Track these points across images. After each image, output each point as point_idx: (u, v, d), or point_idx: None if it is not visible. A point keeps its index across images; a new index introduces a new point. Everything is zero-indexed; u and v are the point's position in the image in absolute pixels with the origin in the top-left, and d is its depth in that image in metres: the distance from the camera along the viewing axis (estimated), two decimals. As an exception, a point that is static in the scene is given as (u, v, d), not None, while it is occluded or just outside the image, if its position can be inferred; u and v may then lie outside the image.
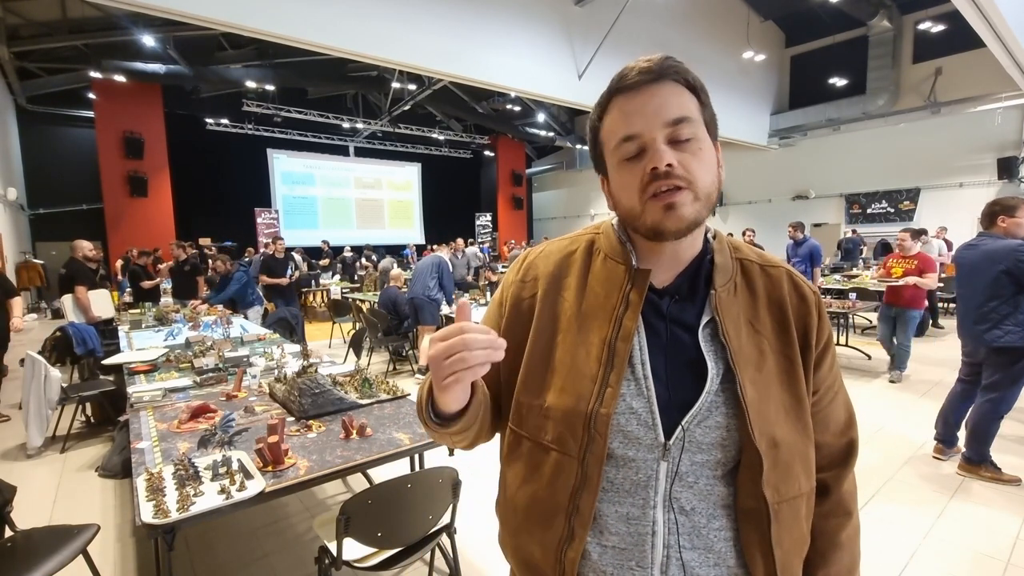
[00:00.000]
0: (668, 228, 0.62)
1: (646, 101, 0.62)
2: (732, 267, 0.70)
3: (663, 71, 0.62)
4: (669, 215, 0.61)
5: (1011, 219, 2.71)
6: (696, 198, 0.62)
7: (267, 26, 5.48)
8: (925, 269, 4.43)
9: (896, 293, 4.55)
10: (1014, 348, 2.65)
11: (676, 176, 0.60)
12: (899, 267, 4.61)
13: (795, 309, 0.69)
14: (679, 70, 0.63)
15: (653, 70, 0.62)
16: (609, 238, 0.73)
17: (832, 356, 0.72)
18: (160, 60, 9.88)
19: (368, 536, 1.53)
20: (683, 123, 0.61)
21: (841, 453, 0.74)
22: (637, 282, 0.67)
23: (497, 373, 0.76)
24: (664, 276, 0.69)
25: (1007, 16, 5.32)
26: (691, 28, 9.93)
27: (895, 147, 11.16)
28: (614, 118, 0.65)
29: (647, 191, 0.62)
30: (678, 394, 0.64)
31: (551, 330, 0.70)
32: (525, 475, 0.70)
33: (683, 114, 0.62)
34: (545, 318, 0.71)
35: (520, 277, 0.76)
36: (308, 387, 2.09)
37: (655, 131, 0.61)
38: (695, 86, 0.64)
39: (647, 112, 0.62)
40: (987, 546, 2.27)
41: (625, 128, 0.63)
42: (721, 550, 0.63)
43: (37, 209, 11.74)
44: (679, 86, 0.63)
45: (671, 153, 0.61)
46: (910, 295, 4.48)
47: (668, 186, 0.61)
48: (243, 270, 5.73)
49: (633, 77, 0.63)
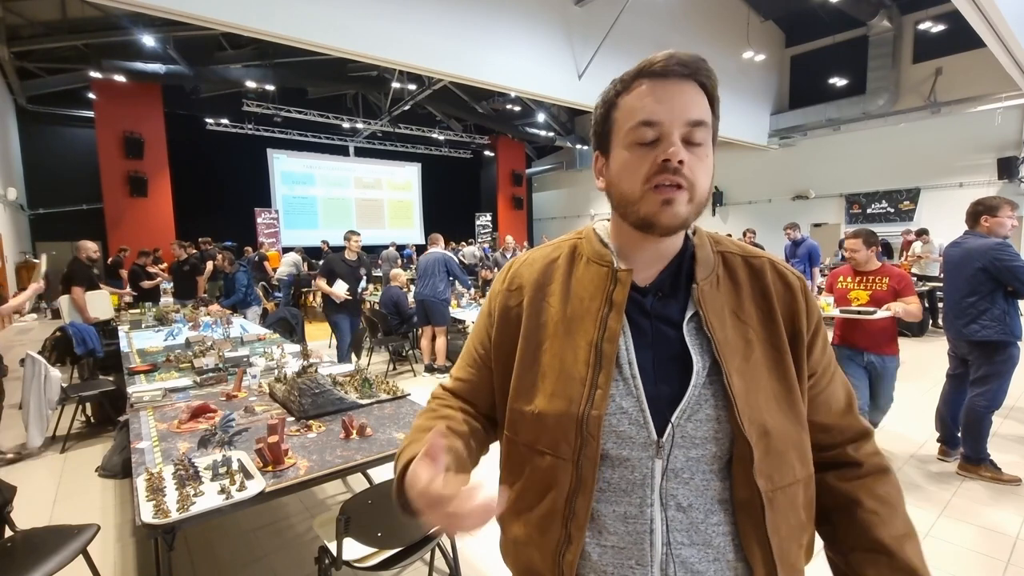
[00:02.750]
0: (660, 222, 0.63)
1: (675, 94, 0.62)
2: (714, 260, 0.70)
3: (697, 70, 0.63)
4: (665, 210, 0.62)
5: (993, 219, 2.79)
6: (691, 200, 0.63)
7: (267, 26, 5.47)
8: (903, 291, 2.82)
9: (862, 331, 2.85)
10: (992, 342, 2.74)
11: (682, 175, 0.61)
12: (861, 291, 2.94)
13: (780, 297, 0.69)
14: (710, 76, 0.64)
15: (689, 65, 0.62)
16: (591, 242, 0.74)
17: (824, 339, 0.72)
18: (160, 60, 9.87)
19: (368, 536, 1.53)
20: (700, 127, 0.62)
21: (852, 429, 0.73)
22: (620, 282, 0.67)
23: (490, 386, 0.78)
24: (647, 274, 0.69)
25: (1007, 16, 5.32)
26: (691, 28, 9.92)
27: (895, 147, 11.16)
28: (637, 99, 0.64)
29: (651, 180, 0.62)
30: (666, 390, 0.64)
31: (538, 336, 0.71)
32: (521, 481, 0.71)
33: (703, 118, 0.62)
34: (532, 325, 0.72)
35: (506, 287, 0.77)
36: (308, 387, 2.09)
37: (675, 125, 0.61)
38: (712, 96, 0.65)
39: (674, 104, 0.62)
40: (987, 546, 2.27)
41: (648, 113, 0.62)
42: (720, 544, 0.63)
43: (37, 209, 11.75)
44: (700, 89, 0.64)
45: (684, 151, 0.61)
46: (887, 334, 2.86)
47: (672, 182, 0.61)
48: (244, 270, 5.74)
49: (668, 66, 0.62)
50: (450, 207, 18.12)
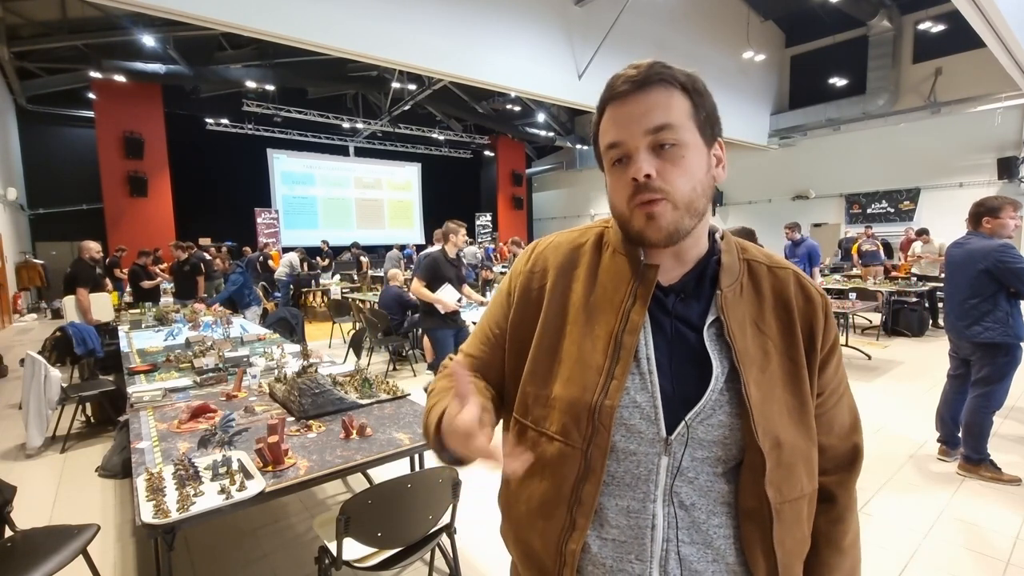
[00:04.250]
0: (649, 237, 0.64)
1: (631, 109, 0.63)
2: (739, 268, 0.70)
3: (648, 77, 0.62)
4: (650, 224, 0.63)
5: (995, 220, 2.78)
6: (675, 207, 0.63)
7: (267, 26, 5.47)
8: None
9: None
10: (994, 344, 2.74)
11: (653, 188, 0.62)
12: None
13: (801, 311, 0.69)
14: (666, 74, 0.63)
15: (637, 79, 0.63)
16: (618, 232, 0.73)
17: (838, 359, 0.72)
18: (160, 60, 9.87)
19: (368, 536, 1.53)
20: (664, 130, 0.62)
21: (846, 457, 0.73)
22: (645, 277, 0.67)
23: (501, 365, 0.77)
24: (670, 274, 0.69)
25: (1007, 16, 5.32)
26: (691, 28, 9.92)
27: (895, 147, 11.16)
28: (604, 125, 0.67)
29: (633, 199, 0.63)
30: (682, 390, 0.64)
31: (559, 321, 0.71)
32: (528, 465, 0.70)
33: (665, 121, 0.62)
34: (554, 309, 0.72)
35: (529, 267, 0.77)
36: (308, 387, 2.09)
37: (637, 139, 0.62)
38: (688, 87, 0.64)
39: (631, 120, 0.63)
40: (987, 546, 2.27)
41: (611, 136, 0.65)
42: (720, 547, 0.64)
43: (37, 209, 11.74)
44: (669, 89, 0.63)
45: (651, 163, 0.62)
46: None
47: (647, 198, 0.62)
48: (240, 272, 5.74)
49: (620, 86, 0.64)
50: (450, 207, 17.94)
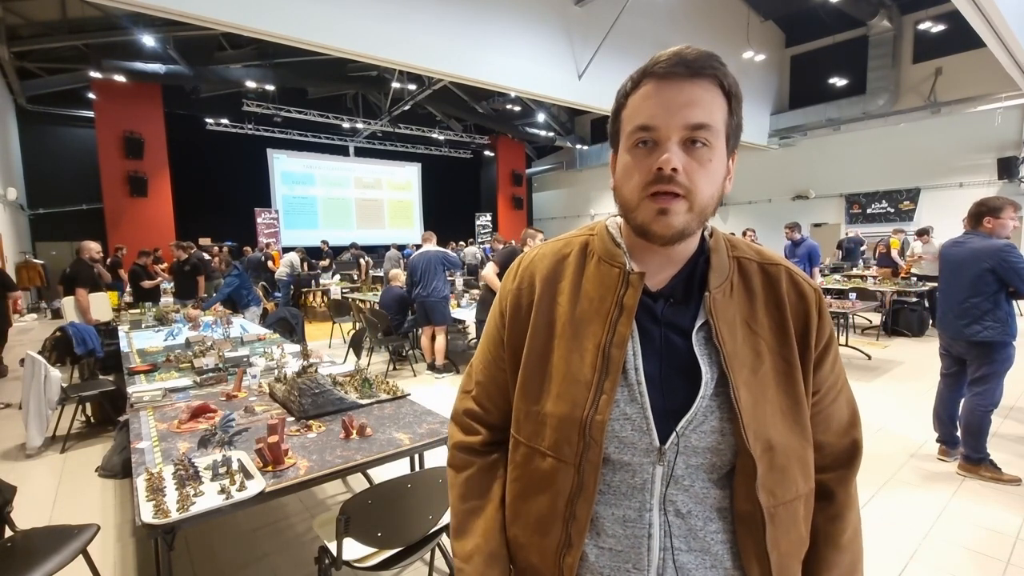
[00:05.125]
0: (655, 232, 0.61)
1: (674, 95, 0.59)
2: (728, 266, 0.68)
3: (701, 68, 0.59)
4: (659, 219, 0.60)
5: (996, 220, 2.78)
6: (690, 209, 0.60)
7: (267, 26, 5.48)
8: None
9: None
10: (992, 342, 2.76)
11: (677, 183, 0.59)
12: None
13: (793, 308, 0.67)
14: (720, 71, 0.60)
15: (691, 64, 0.59)
16: (603, 240, 0.71)
17: (834, 355, 0.70)
18: (160, 60, 9.87)
19: (368, 536, 1.53)
20: (703, 130, 0.59)
21: (844, 453, 0.72)
22: (631, 286, 0.65)
23: (506, 384, 0.75)
24: (659, 278, 0.67)
25: (1007, 16, 5.32)
26: (691, 28, 9.92)
27: (895, 147, 11.16)
28: (640, 99, 0.62)
29: (648, 188, 0.60)
30: (672, 400, 0.63)
31: (546, 335, 0.69)
32: (523, 481, 0.70)
33: (705, 121, 0.59)
34: (541, 322, 0.70)
35: (516, 285, 0.75)
36: (308, 387, 2.09)
37: (672, 130, 0.59)
38: (730, 92, 0.61)
39: (671, 108, 0.59)
40: (987, 546, 2.27)
41: (646, 116, 0.60)
42: (718, 552, 0.63)
43: (37, 209, 11.74)
44: (714, 87, 0.60)
45: (680, 157, 0.59)
46: None
47: (667, 190, 0.59)
48: (236, 273, 5.73)
49: (670, 66, 0.59)
50: (450, 207, 18.11)
